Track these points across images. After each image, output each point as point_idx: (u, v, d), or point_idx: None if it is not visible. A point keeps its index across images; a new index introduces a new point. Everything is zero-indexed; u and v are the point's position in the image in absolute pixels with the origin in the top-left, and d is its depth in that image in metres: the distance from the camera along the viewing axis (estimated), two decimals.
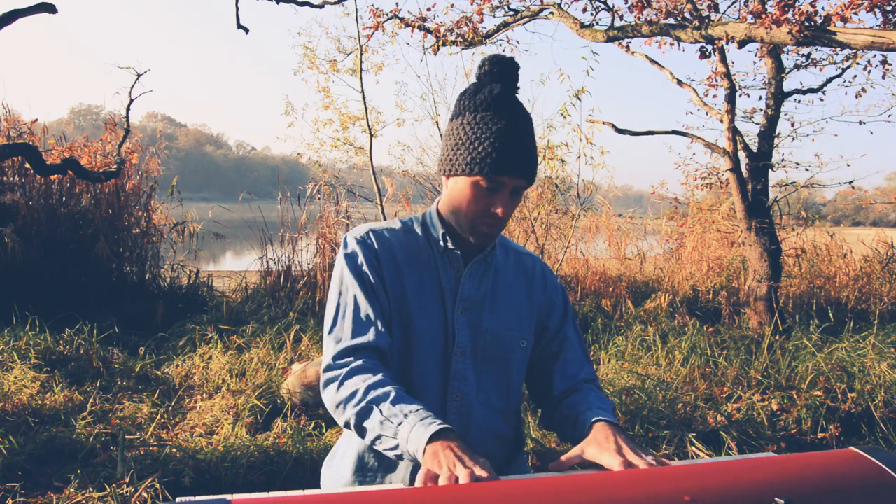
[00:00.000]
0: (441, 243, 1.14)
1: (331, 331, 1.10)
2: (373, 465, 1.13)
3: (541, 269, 1.25)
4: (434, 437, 0.89)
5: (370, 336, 1.06)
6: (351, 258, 1.12)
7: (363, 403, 0.98)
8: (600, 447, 0.95)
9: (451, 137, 1.09)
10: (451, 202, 1.11)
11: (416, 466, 1.08)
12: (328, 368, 1.06)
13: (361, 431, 1.00)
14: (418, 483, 0.83)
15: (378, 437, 0.97)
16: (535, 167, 1.08)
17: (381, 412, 0.96)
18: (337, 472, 1.17)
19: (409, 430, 0.92)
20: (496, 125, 1.04)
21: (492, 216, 1.07)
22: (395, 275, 1.12)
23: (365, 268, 1.11)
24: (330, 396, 1.04)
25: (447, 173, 1.11)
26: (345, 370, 1.03)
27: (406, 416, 0.94)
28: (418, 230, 1.17)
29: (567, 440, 1.12)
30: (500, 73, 1.08)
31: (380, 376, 1.01)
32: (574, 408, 1.10)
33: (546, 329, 1.21)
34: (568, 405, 1.13)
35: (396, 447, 0.95)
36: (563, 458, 0.95)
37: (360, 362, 1.04)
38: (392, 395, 0.98)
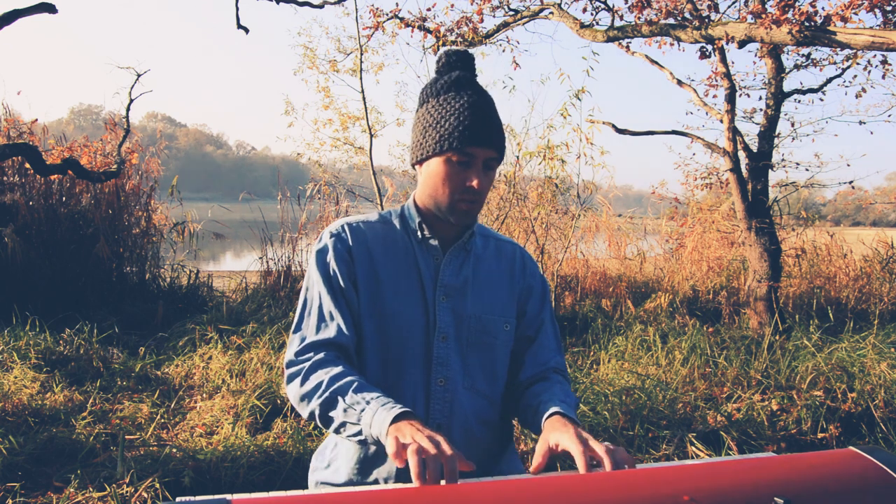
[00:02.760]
0: (418, 233, 1.17)
1: (297, 328, 1.13)
2: (364, 457, 1.14)
3: (521, 255, 1.27)
4: (395, 420, 0.92)
5: (331, 332, 1.10)
6: (320, 254, 1.15)
7: (326, 394, 1.01)
8: (559, 433, 0.97)
9: (418, 125, 1.13)
10: (427, 187, 1.14)
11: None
12: (291, 364, 1.09)
13: (326, 421, 1.03)
14: (390, 450, 0.86)
15: (342, 425, 1.00)
16: (502, 138, 1.12)
17: (343, 401, 0.99)
18: (333, 470, 1.18)
19: (371, 415, 0.95)
20: (458, 102, 1.09)
21: (468, 191, 1.09)
22: (369, 267, 1.14)
23: (332, 264, 1.13)
24: (294, 390, 1.07)
25: (419, 159, 1.14)
26: (307, 364, 1.06)
27: (368, 402, 0.97)
28: (396, 222, 1.20)
29: (527, 427, 1.15)
30: (457, 62, 1.14)
31: (340, 368, 1.04)
32: (537, 397, 1.11)
33: (524, 314, 1.23)
34: (532, 394, 1.14)
35: (360, 433, 0.98)
36: (533, 467, 0.95)
37: (321, 356, 1.07)
38: (354, 384, 1.01)
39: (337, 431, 1.02)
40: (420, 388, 1.12)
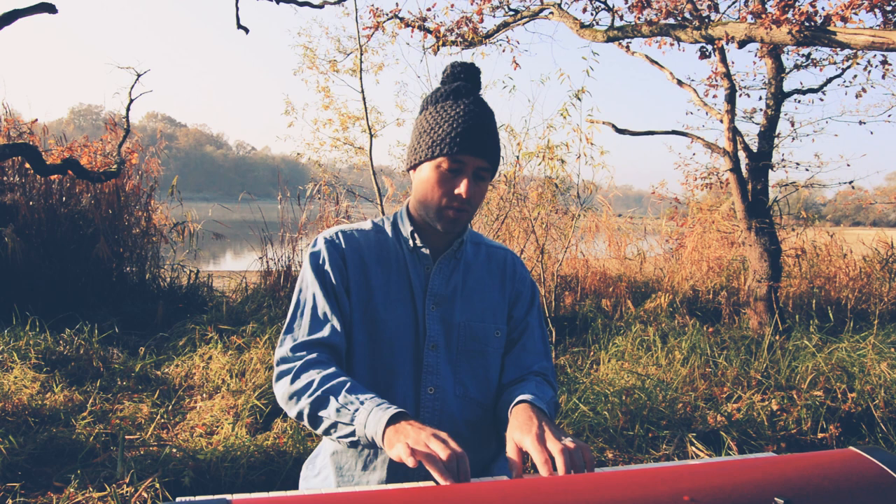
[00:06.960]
0: (410, 242, 1.16)
1: (289, 328, 1.12)
2: (350, 467, 1.13)
3: (512, 261, 1.27)
4: (391, 421, 0.91)
5: (325, 332, 1.09)
6: (314, 257, 1.15)
7: (318, 393, 1.00)
8: (522, 431, 0.94)
9: (414, 131, 1.14)
10: (418, 193, 1.14)
11: (394, 465, 1.07)
12: (282, 361, 1.08)
13: (316, 421, 1.01)
14: (404, 456, 0.83)
15: (333, 425, 0.99)
16: (496, 149, 1.11)
17: (336, 400, 0.98)
18: (321, 478, 1.17)
19: (366, 415, 0.94)
20: (454, 110, 1.09)
21: (456, 198, 1.09)
22: (362, 274, 1.14)
23: (327, 266, 1.13)
24: (283, 388, 1.05)
25: (413, 164, 1.14)
26: (299, 363, 1.05)
27: (362, 402, 0.96)
28: (388, 230, 1.20)
29: (501, 429, 1.13)
30: (461, 74, 1.14)
31: (333, 369, 1.04)
32: (512, 394, 1.11)
33: (510, 318, 1.23)
34: (509, 392, 1.13)
35: (353, 433, 0.96)
36: (514, 473, 0.92)
37: (313, 356, 1.06)
38: (347, 384, 1.00)
39: (327, 432, 1.00)
40: (410, 396, 1.12)
